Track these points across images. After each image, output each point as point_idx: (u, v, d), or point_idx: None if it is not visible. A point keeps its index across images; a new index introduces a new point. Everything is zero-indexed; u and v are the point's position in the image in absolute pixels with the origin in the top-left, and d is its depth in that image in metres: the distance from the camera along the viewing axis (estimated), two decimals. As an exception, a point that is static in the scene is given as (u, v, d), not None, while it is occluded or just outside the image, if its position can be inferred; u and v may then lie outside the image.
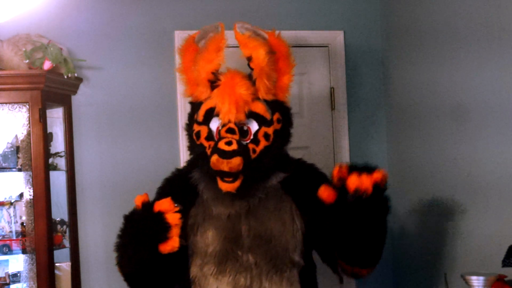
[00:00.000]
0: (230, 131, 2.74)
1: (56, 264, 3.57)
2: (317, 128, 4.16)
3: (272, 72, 2.81)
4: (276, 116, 2.84)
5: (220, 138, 2.72)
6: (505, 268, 2.84)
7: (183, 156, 3.89)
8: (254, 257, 2.74)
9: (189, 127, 2.93)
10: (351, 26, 4.24)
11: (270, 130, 2.81)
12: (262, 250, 2.74)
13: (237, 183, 2.69)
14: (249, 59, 2.80)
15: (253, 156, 2.74)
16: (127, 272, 2.76)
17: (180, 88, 3.94)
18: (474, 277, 2.78)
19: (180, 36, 3.94)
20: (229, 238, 2.75)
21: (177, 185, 2.95)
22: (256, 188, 2.80)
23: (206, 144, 2.79)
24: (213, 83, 2.80)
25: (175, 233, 2.63)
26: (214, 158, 2.66)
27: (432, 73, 3.72)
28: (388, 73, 4.21)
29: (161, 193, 2.97)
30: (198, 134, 2.83)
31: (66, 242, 3.68)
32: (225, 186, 2.70)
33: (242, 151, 2.68)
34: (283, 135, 2.89)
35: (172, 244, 2.63)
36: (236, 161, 2.65)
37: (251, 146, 2.76)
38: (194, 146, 2.87)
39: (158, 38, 3.96)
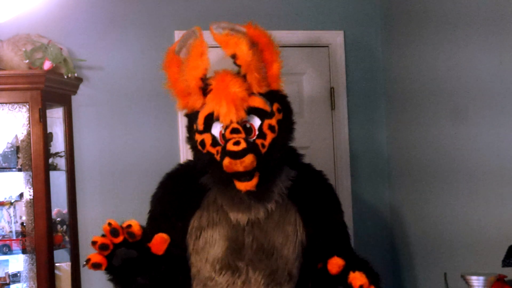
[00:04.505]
0: (235, 131, 2.69)
1: (56, 264, 3.57)
2: (317, 128, 4.16)
3: (260, 64, 2.76)
4: (276, 106, 2.79)
5: (227, 140, 2.67)
6: (505, 268, 2.85)
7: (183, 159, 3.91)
8: (253, 270, 2.70)
9: (190, 139, 2.86)
10: (351, 26, 4.24)
11: (273, 122, 2.76)
12: (263, 264, 2.71)
13: (254, 180, 2.64)
14: (234, 57, 2.74)
15: (263, 151, 2.70)
16: None
17: (180, 88, 3.95)
18: (474, 277, 2.78)
19: (180, 36, 3.94)
20: (231, 248, 2.72)
21: (180, 183, 2.89)
22: (271, 189, 2.77)
23: (213, 150, 2.72)
24: (205, 89, 2.75)
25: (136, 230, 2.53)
26: (226, 161, 2.61)
27: (433, 70, 3.72)
28: (389, 73, 4.21)
29: (163, 188, 2.93)
30: (202, 143, 2.76)
31: (66, 242, 3.68)
32: (244, 186, 2.64)
33: (252, 148, 2.64)
34: (287, 124, 2.84)
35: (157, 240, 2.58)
36: (249, 159, 2.60)
37: (259, 141, 2.71)
38: (200, 156, 2.80)
39: (158, 38, 3.96)
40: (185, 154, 3.90)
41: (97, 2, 3.89)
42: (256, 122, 2.75)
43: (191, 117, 2.85)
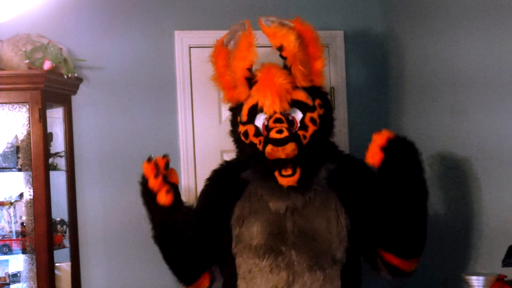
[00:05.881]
0: (278, 120, 2.79)
1: (56, 264, 3.57)
2: (317, 128, 4.15)
3: (305, 58, 2.87)
4: (317, 101, 2.90)
5: (270, 129, 2.75)
6: (505, 268, 2.85)
7: (183, 166, 3.89)
8: (296, 253, 2.77)
9: (234, 132, 2.98)
10: (351, 26, 4.24)
11: (315, 115, 2.86)
12: (306, 247, 2.78)
13: (296, 176, 2.74)
14: (280, 49, 2.85)
15: (304, 142, 2.79)
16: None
17: (180, 85, 3.95)
18: (474, 277, 2.79)
19: (180, 36, 3.95)
20: (274, 233, 2.80)
21: (224, 177, 3.03)
22: (310, 181, 2.84)
23: (255, 140, 2.83)
24: (250, 81, 2.84)
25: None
26: (269, 148, 2.71)
27: (434, 70, 3.72)
28: (389, 72, 4.20)
29: (209, 184, 3.08)
30: (245, 133, 2.87)
31: (66, 242, 3.68)
32: (286, 181, 2.74)
33: (294, 137, 2.74)
34: (328, 119, 2.94)
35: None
36: (291, 146, 2.70)
37: (300, 133, 2.81)
38: (243, 147, 2.91)
39: (158, 38, 3.96)
40: (185, 156, 3.89)
41: (97, 2, 3.89)
42: (298, 115, 2.85)
43: (235, 110, 2.97)
